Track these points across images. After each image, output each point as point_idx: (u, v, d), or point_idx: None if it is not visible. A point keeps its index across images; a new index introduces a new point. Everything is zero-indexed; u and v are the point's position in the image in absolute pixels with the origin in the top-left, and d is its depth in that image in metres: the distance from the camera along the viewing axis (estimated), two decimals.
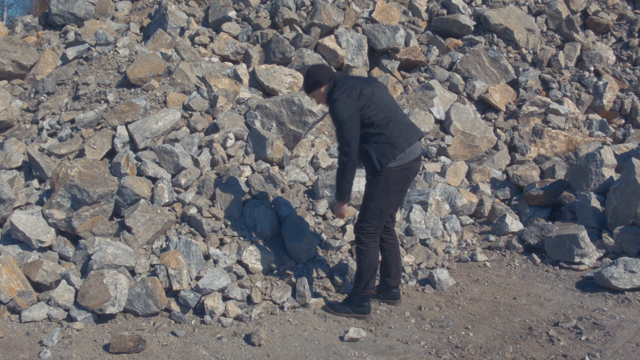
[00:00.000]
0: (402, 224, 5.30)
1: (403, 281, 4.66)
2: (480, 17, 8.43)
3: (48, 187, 4.75)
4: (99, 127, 5.32)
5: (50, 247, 4.40)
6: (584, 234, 4.93)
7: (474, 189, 6.45)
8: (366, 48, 7.72)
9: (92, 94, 5.74)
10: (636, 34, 8.79)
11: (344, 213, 4.10)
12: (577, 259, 4.90)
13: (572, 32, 8.49)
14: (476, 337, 3.82)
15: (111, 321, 3.94)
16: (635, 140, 7.23)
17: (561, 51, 8.29)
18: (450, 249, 5.34)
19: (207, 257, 4.35)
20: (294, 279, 4.35)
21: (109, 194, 4.47)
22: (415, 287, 4.64)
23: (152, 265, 4.24)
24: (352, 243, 4.70)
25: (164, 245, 4.40)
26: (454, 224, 5.70)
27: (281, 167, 5.25)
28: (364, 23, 8.01)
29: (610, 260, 4.81)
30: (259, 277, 4.34)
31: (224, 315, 4.04)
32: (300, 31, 7.58)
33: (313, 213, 4.93)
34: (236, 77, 6.44)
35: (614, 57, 8.58)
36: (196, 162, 4.94)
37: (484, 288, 4.66)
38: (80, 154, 5.07)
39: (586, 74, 8.12)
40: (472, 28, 8.32)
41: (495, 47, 8.05)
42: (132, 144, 5.10)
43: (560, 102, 7.62)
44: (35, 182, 4.97)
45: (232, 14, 7.72)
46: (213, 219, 4.56)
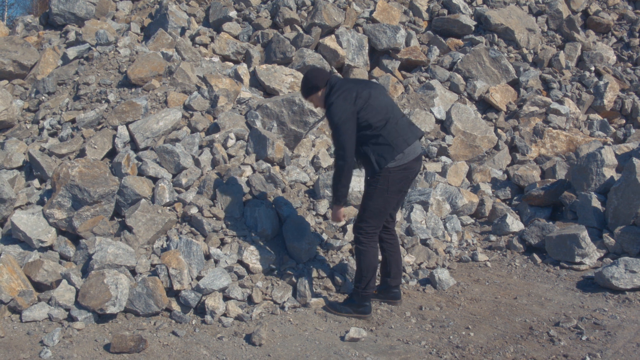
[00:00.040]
0: (403, 224, 5.30)
1: (404, 281, 4.66)
2: (481, 17, 8.43)
3: (49, 187, 4.75)
4: (100, 127, 5.33)
5: (51, 247, 4.40)
6: (584, 234, 4.93)
7: (475, 189, 6.45)
8: (367, 48, 7.72)
9: (93, 94, 5.74)
10: (637, 34, 8.79)
11: (340, 217, 4.09)
12: (577, 259, 4.90)
13: (573, 32, 8.49)
14: (477, 337, 3.82)
15: (112, 321, 3.94)
16: (636, 140, 7.23)
17: (562, 51, 8.29)
18: (451, 249, 5.33)
19: (207, 257, 4.35)
20: (294, 279, 4.35)
21: (109, 194, 4.47)
22: (416, 287, 4.64)
23: (152, 265, 4.24)
24: (353, 243, 4.70)
25: (165, 245, 4.40)
26: (455, 224, 5.70)
27: (282, 167, 5.25)
28: (365, 23, 8.01)
29: (611, 260, 4.80)
30: (260, 277, 4.34)
31: (224, 315, 4.04)
32: (301, 31, 7.58)
33: (314, 213, 4.93)
34: (237, 77, 6.44)
35: (614, 57, 8.58)
36: (197, 162, 4.94)
37: (484, 288, 4.66)
38: (81, 153, 5.07)
39: (587, 74, 8.12)
40: (473, 28, 8.32)
41: (496, 47, 8.05)
42: (133, 143, 5.10)
43: (561, 102, 7.62)
44: (36, 182, 4.98)
45: (232, 13, 7.73)
46: (214, 218, 4.56)
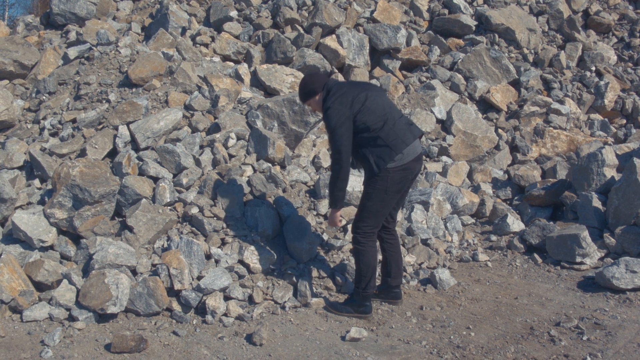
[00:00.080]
0: (404, 224, 5.30)
1: (404, 281, 4.66)
2: (481, 17, 8.43)
3: (49, 187, 4.75)
4: (101, 126, 5.33)
5: (51, 247, 4.40)
6: (585, 234, 4.92)
7: (476, 189, 6.45)
8: (367, 48, 7.72)
9: (94, 94, 5.74)
10: (637, 34, 8.79)
11: (337, 221, 4.07)
12: (578, 259, 4.89)
13: (574, 32, 8.49)
14: (477, 337, 3.82)
15: (112, 321, 3.94)
16: (637, 140, 7.23)
17: (562, 51, 8.28)
18: (451, 249, 5.33)
19: (208, 256, 4.35)
20: (295, 279, 4.35)
21: (110, 194, 4.47)
22: (416, 287, 4.64)
23: (153, 265, 4.24)
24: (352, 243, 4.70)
25: (166, 245, 4.40)
26: (456, 223, 5.69)
27: (283, 167, 5.25)
28: (366, 23, 8.01)
29: (612, 260, 4.80)
30: (261, 277, 4.34)
31: (225, 315, 4.04)
32: (302, 31, 7.58)
33: (314, 213, 4.93)
34: (238, 77, 6.44)
35: (615, 57, 8.57)
36: (198, 162, 4.94)
37: (485, 288, 4.66)
38: (82, 153, 5.08)
39: (587, 74, 8.11)
40: (474, 28, 8.32)
41: (496, 47, 8.04)
42: (134, 143, 5.10)
43: (561, 102, 7.62)
44: (36, 182, 4.97)
45: (233, 13, 7.73)
46: (214, 218, 4.56)
